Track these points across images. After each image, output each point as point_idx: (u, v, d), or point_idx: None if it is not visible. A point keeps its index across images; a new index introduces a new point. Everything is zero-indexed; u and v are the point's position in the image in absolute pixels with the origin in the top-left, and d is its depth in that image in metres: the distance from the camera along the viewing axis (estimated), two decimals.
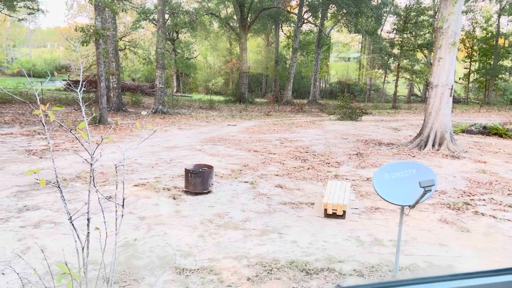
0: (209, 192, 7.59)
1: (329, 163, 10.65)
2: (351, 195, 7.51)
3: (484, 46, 40.45)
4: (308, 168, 9.96)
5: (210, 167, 7.80)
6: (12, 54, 59.54)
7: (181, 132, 16.07)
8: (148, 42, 41.00)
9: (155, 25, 26.86)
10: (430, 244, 5.55)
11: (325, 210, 6.45)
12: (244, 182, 8.52)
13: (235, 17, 35.17)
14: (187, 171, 7.51)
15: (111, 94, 22.51)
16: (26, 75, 3.94)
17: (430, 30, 33.08)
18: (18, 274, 3.01)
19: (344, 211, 6.42)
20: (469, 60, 41.65)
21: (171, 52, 35.34)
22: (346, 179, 8.97)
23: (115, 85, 22.58)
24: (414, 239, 5.69)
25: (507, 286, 0.83)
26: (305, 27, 39.54)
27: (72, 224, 2.99)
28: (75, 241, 2.99)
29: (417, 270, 4.71)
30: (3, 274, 4.31)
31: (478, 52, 41.12)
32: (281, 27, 40.48)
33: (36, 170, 2.86)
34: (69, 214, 3.03)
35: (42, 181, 2.85)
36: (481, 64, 41.68)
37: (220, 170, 9.40)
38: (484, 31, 40.61)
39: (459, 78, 42.22)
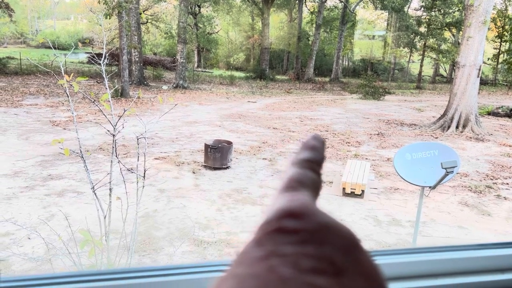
0: (228, 167, 7.65)
1: (349, 143, 10.56)
2: (370, 175, 7.46)
3: None
4: (328, 147, 9.90)
5: (230, 143, 7.84)
6: (36, 25, 60.19)
7: (202, 107, 16.13)
8: (170, 16, 40.78)
9: None
10: (449, 226, 5.50)
11: (344, 189, 6.44)
12: (263, 159, 8.54)
13: None
14: (206, 146, 7.56)
15: (133, 68, 22.62)
16: (51, 47, 3.98)
17: (460, 8, 31.86)
18: (43, 239, 3.12)
19: (363, 191, 6.39)
20: (499, 40, 40.07)
21: (192, 27, 35.14)
22: (366, 159, 8.90)
23: (136, 59, 22.67)
24: (433, 221, 5.64)
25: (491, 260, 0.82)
26: (330, 3, 38.60)
27: (95, 194, 3.06)
28: (98, 210, 3.07)
29: None
30: (29, 238, 4.49)
31: (509, 32, 39.45)
32: (305, 2, 39.61)
33: (61, 140, 2.93)
34: (92, 184, 3.10)
35: (66, 151, 2.92)
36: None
37: (239, 146, 9.44)
38: None
39: (488, 59, 40.73)
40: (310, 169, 0.28)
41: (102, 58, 3.44)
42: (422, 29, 33.94)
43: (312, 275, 0.20)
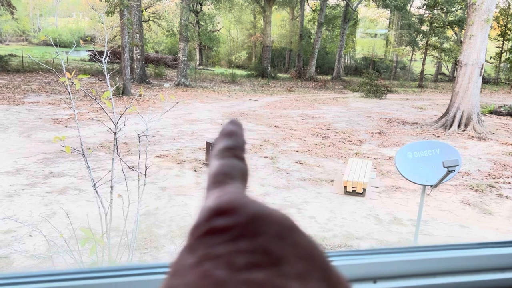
0: None
1: (350, 141, 10.55)
2: (372, 174, 7.45)
3: None
4: (329, 146, 9.89)
5: None
6: (38, 23, 60.18)
7: (203, 105, 16.13)
8: (172, 13, 40.76)
9: None
10: (451, 225, 5.50)
11: (345, 187, 6.43)
12: (264, 157, 8.54)
13: None
14: (208, 144, 7.57)
15: (135, 66, 22.62)
16: (53, 44, 3.99)
17: (463, 6, 31.76)
18: (45, 236, 3.13)
19: (364, 189, 6.39)
20: (502, 38, 39.90)
21: (194, 25, 35.10)
22: (368, 157, 8.89)
23: (138, 57, 22.67)
24: (434, 220, 5.64)
25: (490, 259, 0.82)
26: (332, 1, 38.51)
27: (96, 191, 3.07)
28: (99, 207, 3.07)
29: None
30: (30, 236, 4.50)
31: None
32: (307, 0, 39.55)
33: (62, 137, 2.93)
34: (93, 181, 3.11)
35: (68, 148, 2.92)
36: None
37: None
38: None
39: (490, 57, 40.56)
40: (234, 157, 0.26)
41: (104, 56, 3.44)
42: (425, 27, 33.85)
43: (248, 271, 0.18)
